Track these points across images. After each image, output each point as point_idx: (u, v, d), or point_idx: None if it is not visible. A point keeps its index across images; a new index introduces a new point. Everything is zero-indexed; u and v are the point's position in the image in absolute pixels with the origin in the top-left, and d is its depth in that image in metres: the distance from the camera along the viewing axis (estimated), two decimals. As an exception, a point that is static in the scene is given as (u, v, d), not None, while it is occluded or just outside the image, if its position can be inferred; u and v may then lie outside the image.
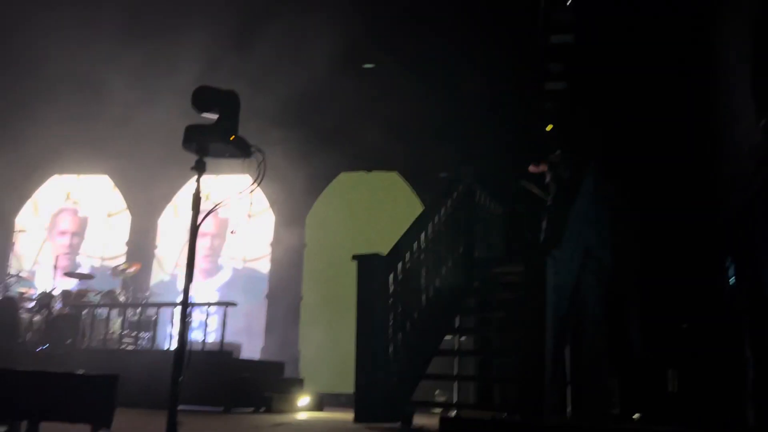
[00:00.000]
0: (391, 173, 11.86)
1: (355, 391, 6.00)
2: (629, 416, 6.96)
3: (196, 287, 3.32)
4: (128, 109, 11.42)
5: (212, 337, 9.08)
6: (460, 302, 7.42)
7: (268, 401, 7.33)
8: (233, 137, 3.31)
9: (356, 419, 5.88)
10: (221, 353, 7.69)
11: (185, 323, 3.20)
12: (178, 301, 3.20)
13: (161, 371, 4.08)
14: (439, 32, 10.99)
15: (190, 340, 3.18)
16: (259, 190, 3.38)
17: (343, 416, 6.96)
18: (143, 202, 12.65)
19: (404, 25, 11.34)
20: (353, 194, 11.91)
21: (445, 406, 7.54)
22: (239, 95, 3.45)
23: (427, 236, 6.98)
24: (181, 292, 3.31)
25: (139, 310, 9.66)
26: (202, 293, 11.64)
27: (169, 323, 8.25)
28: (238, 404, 7.38)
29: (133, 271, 10.49)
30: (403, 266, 6.50)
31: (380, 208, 11.44)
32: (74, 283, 10.29)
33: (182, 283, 3.34)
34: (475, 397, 7.79)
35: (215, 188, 11.52)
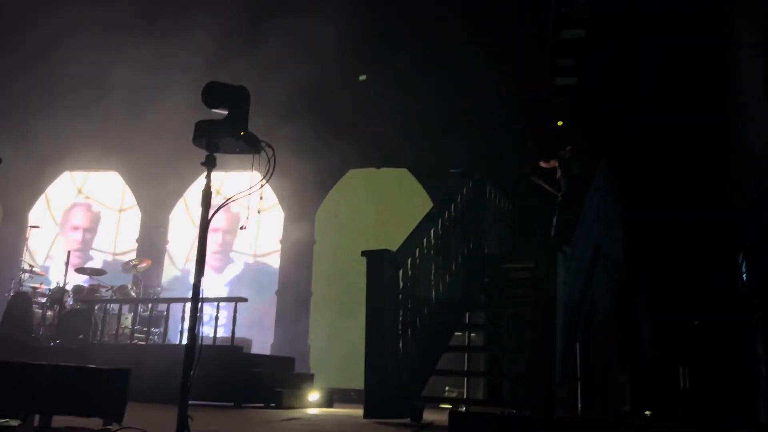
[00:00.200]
0: (400, 170, 11.85)
1: (364, 386, 6.00)
2: (640, 413, 6.93)
3: (206, 283, 3.33)
4: (138, 105, 11.47)
5: (222, 332, 9.12)
6: (470, 298, 7.41)
7: (278, 397, 7.35)
8: (243, 133, 3.31)
9: (366, 415, 5.89)
10: (232, 348, 7.71)
11: (196, 318, 3.21)
12: (189, 296, 3.23)
13: (172, 366, 4.09)
14: (448, 28, 10.95)
15: (201, 335, 3.18)
16: (268, 186, 3.37)
17: (353, 412, 6.97)
18: (154, 198, 12.71)
19: (414, 20, 11.30)
20: (363, 191, 11.90)
21: (454, 402, 7.53)
22: (249, 91, 3.45)
23: (436, 232, 6.96)
24: (192, 287, 3.32)
25: (150, 305, 9.72)
26: (213, 289, 11.69)
27: (180, 318, 8.29)
28: (248, 399, 7.40)
29: (143, 266, 10.55)
30: (412, 262, 6.50)
31: (390, 204, 11.44)
32: (86, 278, 10.36)
33: (193, 278, 3.35)
34: (485, 393, 7.78)
35: (226, 184, 11.62)
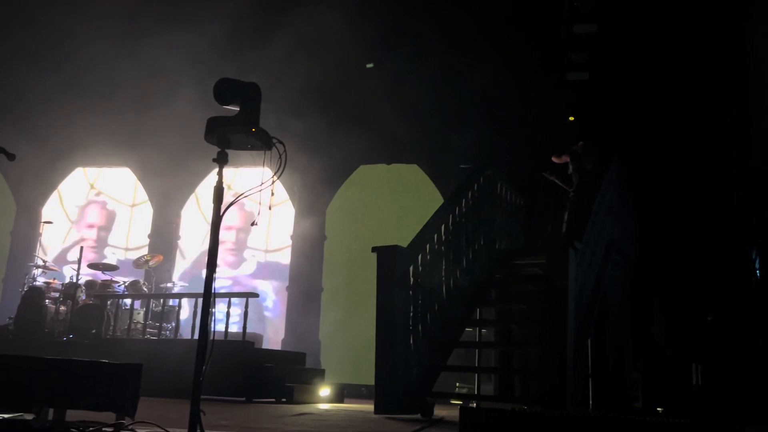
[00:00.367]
0: (411, 165, 11.83)
1: (375, 382, 6.01)
2: (652, 409, 6.89)
3: (219, 278, 3.34)
4: (149, 101, 11.53)
5: (234, 327, 9.15)
6: (481, 294, 7.39)
7: (289, 392, 7.37)
8: (255, 129, 3.31)
9: (376, 410, 5.90)
10: (243, 343, 7.74)
11: (208, 314, 3.22)
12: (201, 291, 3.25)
13: (184, 361, 4.12)
14: (459, 23, 10.91)
15: (212, 330, 3.19)
16: (278, 181, 3.37)
17: (363, 407, 6.98)
18: (165, 193, 12.77)
19: (424, 16, 11.27)
20: (373, 186, 11.90)
21: (465, 397, 7.53)
22: (260, 87, 3.45)
23: (447, 228, 6.95)
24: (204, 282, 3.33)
25: (162, 300, 9.77)
26: (225, 284, 11.74)
27: (191, 314, 8.33)
28: (259, 394, 7.44)
29: (155, 262, 10.60)
30: (423, 258, 6.49)
31: (400, 200, 11.43)
32: (99, 273, 10.43)
33: (205, 273, 3.35)
34: (496, 389, 7.77)
35: (236, 180, 11.65)
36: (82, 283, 9.80)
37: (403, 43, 11.29)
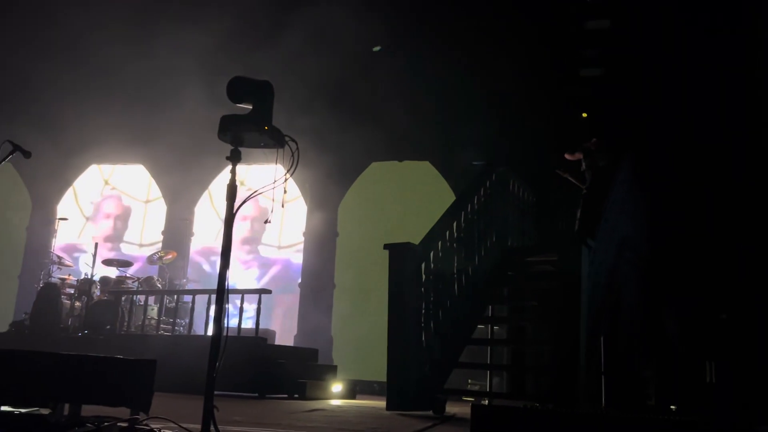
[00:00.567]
0: (423, 162, 11.82)
1: (387, 379, 6.02)
2: (666, 407, 6.86)
3: (232, 275, 3.35)
4: (162, 98, 11.60)
5: (247, 323, 9.21)
6: (493, 291, 7.38)
7: (302, 388, 7.40)
8: (268, 127, 3.32)
9: (388, 407, 5.91)
10: (256, 339, 7.78)
11: (221, 310, 3.24)
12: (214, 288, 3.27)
13: (198, 357, 4.14)
14: (471, 19, 10.87)
15: (226, 326, 3.21)
16: (290, 178, 3.39)
17: (376, 404, 7.00)
18: (178, 190, 12.85)
19: (436, 13, 11.25)
20: (385, 183, 11.90)
21: (477, 394, 7.53)
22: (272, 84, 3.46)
23: (459, 225, 6.94)
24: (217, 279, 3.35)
25: (176, 296, 9.84)
26: (238, 280, 11.80)
27: (205, 310, 8.38)
28: (272, 390, 7.47)
29: (169, 258, 10.67)
30: (435, 255, 6.49)
31: (412, 197, 11.42)
32: (114, 269, 10.52)
33: (218, 270, 3.37)
34: (508, 386, 7.76)
35: (249, 176, 11.70)
36: (97, 279, 9.89)
37: (414, 39, 11.27)
